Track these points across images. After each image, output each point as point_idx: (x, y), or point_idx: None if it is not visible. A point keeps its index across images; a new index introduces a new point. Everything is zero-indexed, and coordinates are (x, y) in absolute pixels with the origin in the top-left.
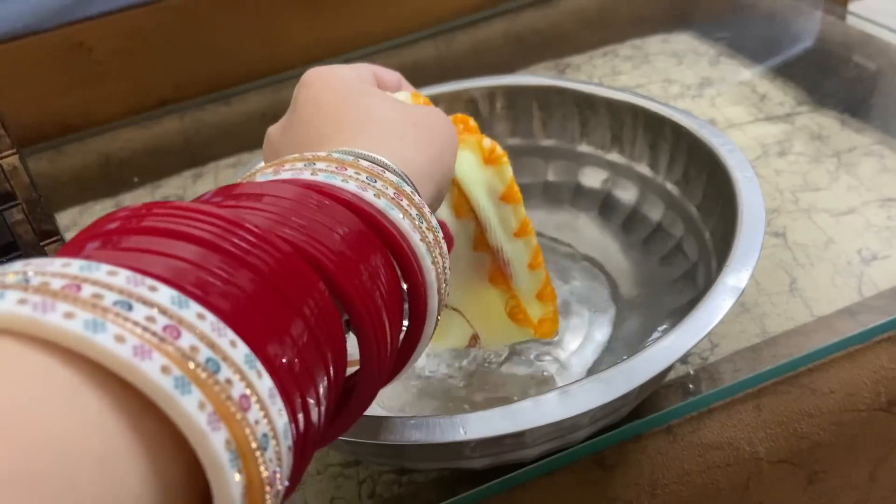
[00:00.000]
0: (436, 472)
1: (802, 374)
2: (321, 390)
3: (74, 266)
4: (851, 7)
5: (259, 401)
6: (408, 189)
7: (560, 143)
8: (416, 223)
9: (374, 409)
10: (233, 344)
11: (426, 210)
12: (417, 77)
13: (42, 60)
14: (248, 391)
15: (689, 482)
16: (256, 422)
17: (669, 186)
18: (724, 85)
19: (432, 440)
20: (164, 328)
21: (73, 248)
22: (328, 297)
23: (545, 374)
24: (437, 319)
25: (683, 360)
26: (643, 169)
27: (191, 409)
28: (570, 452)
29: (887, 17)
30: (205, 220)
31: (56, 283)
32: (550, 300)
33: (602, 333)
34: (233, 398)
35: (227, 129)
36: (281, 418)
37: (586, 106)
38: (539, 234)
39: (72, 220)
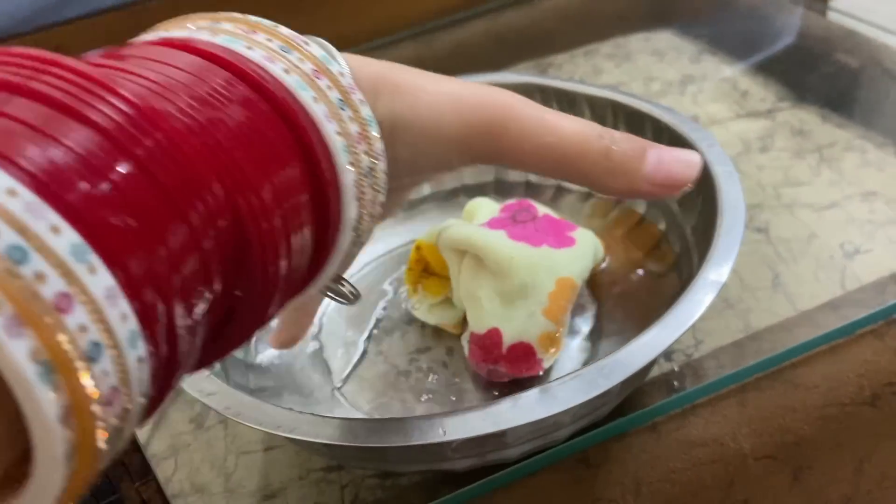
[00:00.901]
0: (419, 475)
1: (786, 369)
2: (199, 305)
3: None
4: (832, 3)
5: (89, 301)
6: (334, 69)
7: None
8: (336, 109)
9: (353, 413)
10: (55, 230)
11: (355, 97)
12: None
13: None
14: (70, 289)
15: (674, 480)
16: (82, 327)
17: None
18: (705, 82)
19: (411, 442)
20: None
21: None
22: (223, 205)
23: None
24: (359, 234)
25: (667, 356)
26: None
27: None
28: (553, 452)
29: (868, 13)
30: (58, 74)
31: None
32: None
33: (585, 330)
34: (42, 297)
35: None
36: (125, 325)
37: (567, 103)
38: None
39: None
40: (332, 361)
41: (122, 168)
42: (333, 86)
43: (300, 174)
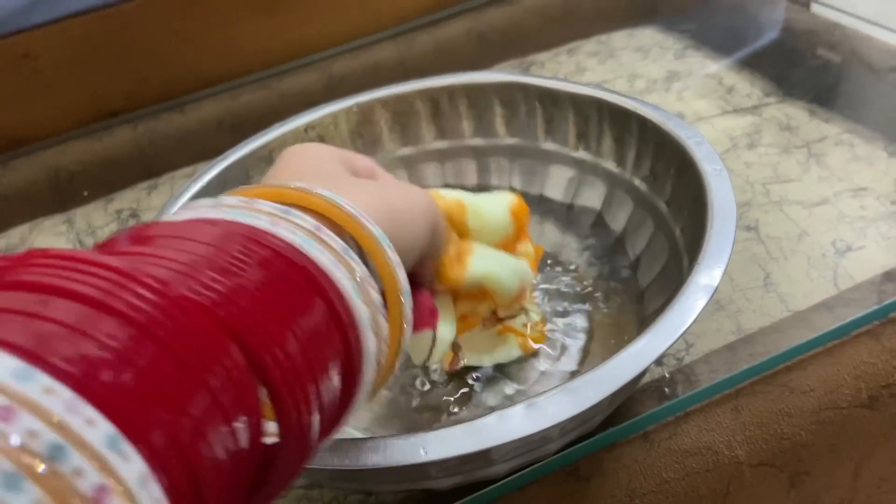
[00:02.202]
0: (404, 493)
1: (780, 373)
2: (227, 462)
3: None
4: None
5: (125, 491)
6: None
7: (524, 141)
8: (341, 255)
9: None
10: (90, 422)
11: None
12: (379, 79)
13: None
14: (107, 480)
15: (667, 490)
16: None
17: (637, 182)
18: (690, 78)
19: (391, 463)
20: None
21: None
22: (242, 365)
23: (521, 386)
24: (371, 384)
25: (658, 362)
26: (610, 165)
27: None
28: (542, 465)
29: (851, 6)
30: (91, 271)
31: None
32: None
33: (577, 340)
34: (81, 493)
35: (182, 138)
36: None
37: (550, 102)
38: None
39: (20, 238)
40: None
41: (147, 351)
42: (334, 235)
43: (321, 320)
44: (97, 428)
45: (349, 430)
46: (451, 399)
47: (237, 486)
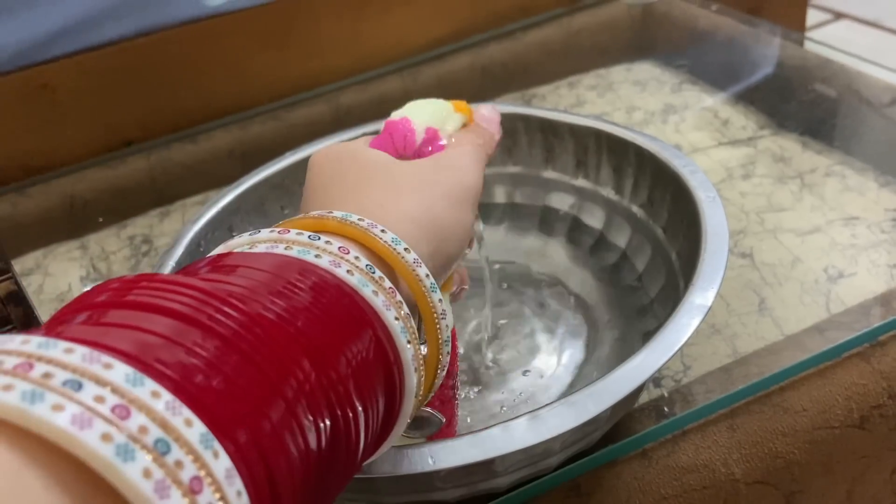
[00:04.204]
0: None
1: (774, 393)
2: (296, 467)
3: (33, 343)
4: (809, 34)
5: (214, 482)
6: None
7: (526, 169)
8: (389, 297)
9: None
10: (188, 423)
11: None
12: (385, 110)
13: (4, 103)
14: (201, 472)
15: None
16: None
17: (635, 209)
18: (687, 111)
19: (400, 472)
20: (113, 408)
21: (59, 319)
22: (312, 378)
23: (517, 401)
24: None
25: (656, 382)
26: (608, 193)
27: (135, 476)
28: (543, 481)
29: (843, 44)
30: (184, 292)
31: (9, 363)
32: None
33: (575, 359)
34: (181, 481)
35: (193, 167)
36: (240, 500)
37: (550, 132)
38: (508, 262)
39: (35, 263)
40: None
41: (232, 360)
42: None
43: (371, 353)
44: (194, 428)
45: None
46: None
47: (306, 488)
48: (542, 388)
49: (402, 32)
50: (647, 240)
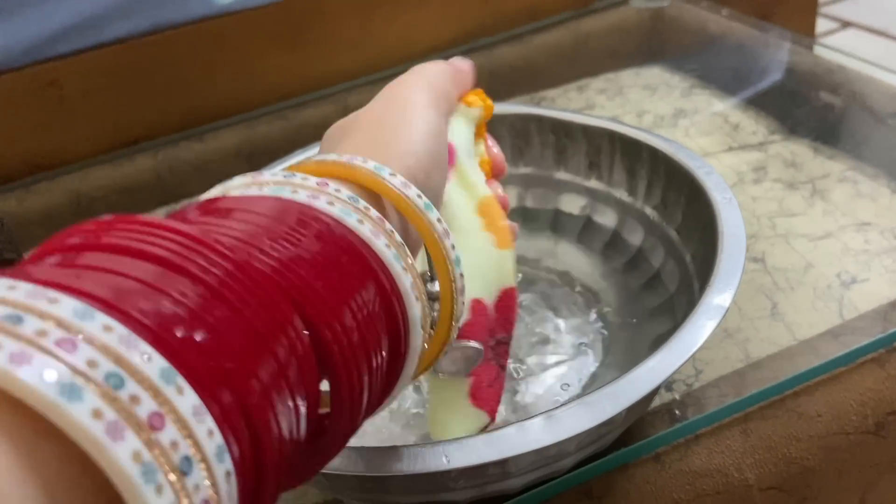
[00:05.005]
0: None
1: (788, 398)
2: (286, 427)
3: None
4: (819, 39)
5: (178, 420)
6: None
7: (537, 170)
8: (380, 227)
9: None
10: (147, 358)
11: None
12: None
13: (12, 99)
14: (161, 409)
15: None
16: (174, 443)
17: (648, 211)
18: (697, 115)
19: (414, 470)
20: (58, 342)
21: (32, 261)
22: (305, 337)
23: (525, 400)
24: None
25: (668, 386)
26: (621, 194)
27: (82, 415)
28: (556, 483)
29: (853, 50)
30: (166, 236)
31: None
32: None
33: (587, 361)
34: (137, 416)
35: (200, 166)
36: (212, 440)
37: (563, 133)
38: (519, 261)
39: None
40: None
41: (217, 311)
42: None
43: (373, 292)
44: (153, 363)
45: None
46: None
47: (294, 450)
48: (554, 390)
49: (410, 34)
50: (660, 241)
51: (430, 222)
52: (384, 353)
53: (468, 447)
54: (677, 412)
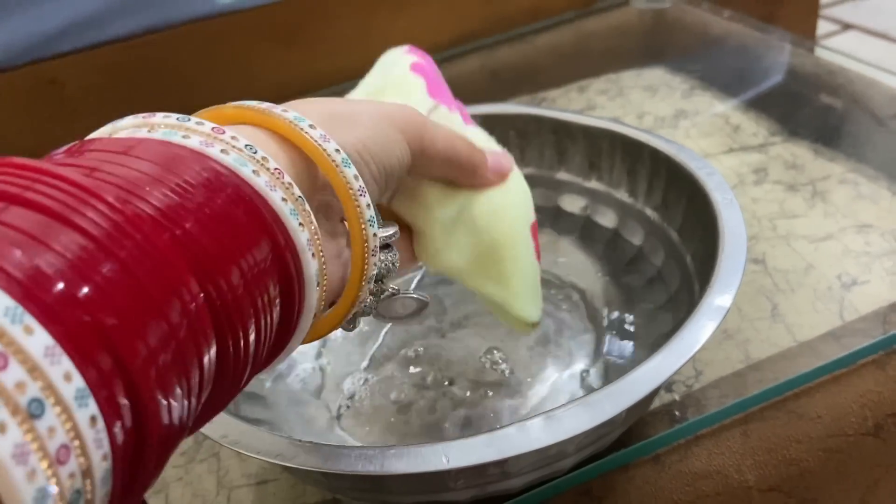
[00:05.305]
0: None
1: (789, 399)
2: (175, 388)
3: None
4: (820, 41)
5: (26, 360)
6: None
7: (538, 170)
8: (276, 180)
9: (353, 442)
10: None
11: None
12: None
13: (12, 98)
14: (7, 349)
15: None
16: (19, 383)
17: (649, 212)
18: (697, 117)
19: (414, 470)
20: None
21: None
22: (200, 299)
23: (525, 401)
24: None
25: (668, 387)
26: (622, 195)
27: None
28: (555, 484)
29: (854, 51)
30: (51, 182)
31: None
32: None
33: (586, 362)
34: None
35: None
36: (70, 384)
37: (564, 133)
38: None
39: None
40: (330, 392)
41: (105, 269)
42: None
43: (266, 249)
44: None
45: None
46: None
47: (183, 415)
48: (554, 391)
49: (412, 34)
50: (660, 242)
51: (345, 178)
52: (275, 312)
53: (468, 447)
54: (677, 413)
